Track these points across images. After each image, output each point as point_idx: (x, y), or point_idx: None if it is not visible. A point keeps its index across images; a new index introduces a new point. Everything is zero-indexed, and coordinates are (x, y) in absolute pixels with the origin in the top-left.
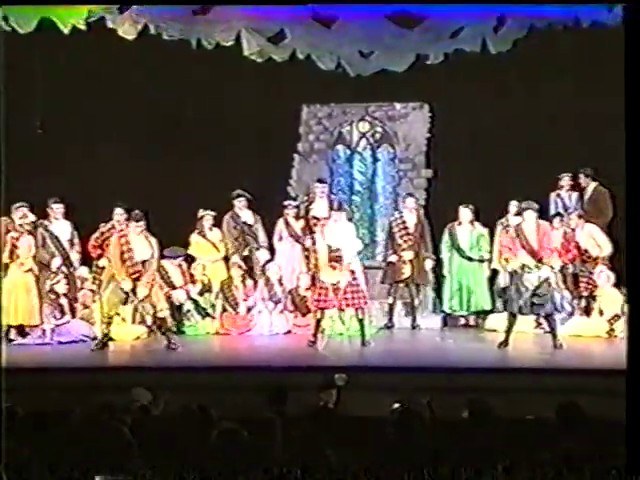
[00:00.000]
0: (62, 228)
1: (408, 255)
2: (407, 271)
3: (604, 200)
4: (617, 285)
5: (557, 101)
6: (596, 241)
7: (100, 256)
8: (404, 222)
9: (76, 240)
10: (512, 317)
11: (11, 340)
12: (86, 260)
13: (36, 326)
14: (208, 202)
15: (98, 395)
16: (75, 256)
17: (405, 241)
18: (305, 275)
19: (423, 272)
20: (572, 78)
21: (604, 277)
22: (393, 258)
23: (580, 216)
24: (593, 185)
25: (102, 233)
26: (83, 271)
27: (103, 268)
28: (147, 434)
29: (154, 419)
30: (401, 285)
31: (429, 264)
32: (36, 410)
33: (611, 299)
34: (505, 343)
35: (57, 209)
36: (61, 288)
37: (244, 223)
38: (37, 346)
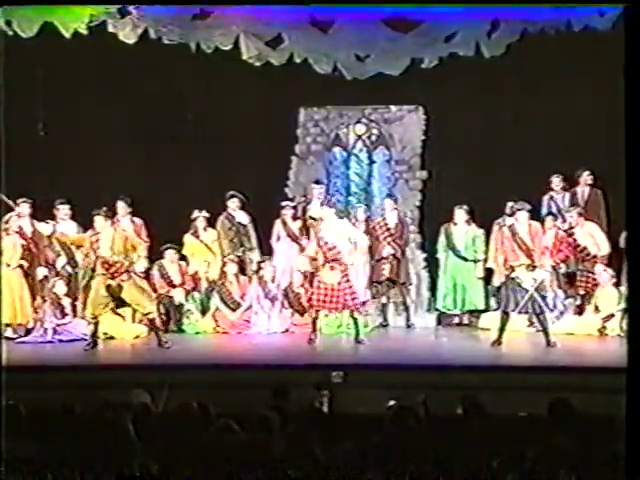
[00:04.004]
0: (68, 229)
1: (389, 255)
2: (386, 271)
3: (599, 202)
4: (616, 284)
5: (550, 103)
6: (595, 240)
7: None
8: (386, 224)
9: None
10: (505, 316)
11: (13, 338)
12: None
13: (31, 327)
14: (207, 203)
15: (99, 393)
16: (80, 256)
17: (389, 242)
18: (298, 273)
19: (405, 271)
20: (564, 81)
21: (606, 276)
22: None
23: (580, 214)
24: (589, 187)
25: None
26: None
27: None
28: (147, 431)
29: (154, 416)
30: (388, 284)
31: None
32: (38, 408)
33: (610, 298)
34: (498, 341)
35: (63, 210)
36: (60, 290)
37: (239, 223)
38: (39, 344)
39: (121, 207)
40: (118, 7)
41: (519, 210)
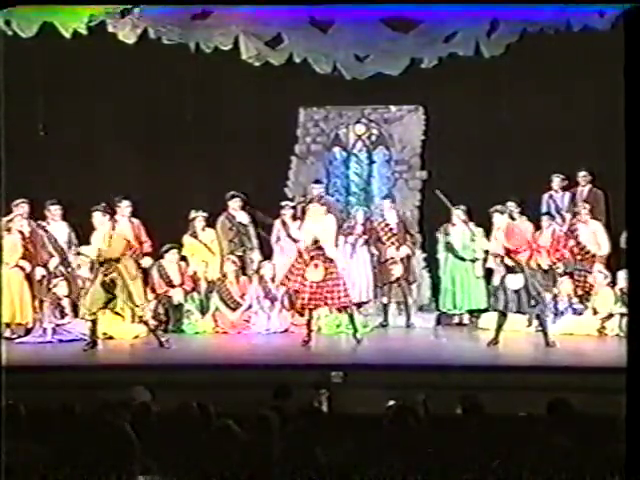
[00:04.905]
0: (60, 229)
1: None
2: (397, 271)
3: (599, 202)
4: (612, 285)
5: (549, 103)
6: (597, 239)
7: None
8: (387, 224)
9: (75, 241)
10: (502, 316)
11: (12, 338)
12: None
13: (31, 327)
14: (207, 203)
15: (98, 393)
16: (73, 257)
17: (392, 243)
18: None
19: (411, 270)
20: (564, 81)
21: (600, 276)
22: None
23: (585, 212)
24: (589, 186)
25: None
26: (84, 271)
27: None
28: (147, 431)
29: (154, 416)
30: (394, 284)
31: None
32: (38, 408)
33: (606, 298)
34: (495, 341)
35: (55, 210)
36: (61, 290)
37: (239, 223)
38: (38, 344)
39: (119, 207)
40: (118, 7)
41: (493, 212)
